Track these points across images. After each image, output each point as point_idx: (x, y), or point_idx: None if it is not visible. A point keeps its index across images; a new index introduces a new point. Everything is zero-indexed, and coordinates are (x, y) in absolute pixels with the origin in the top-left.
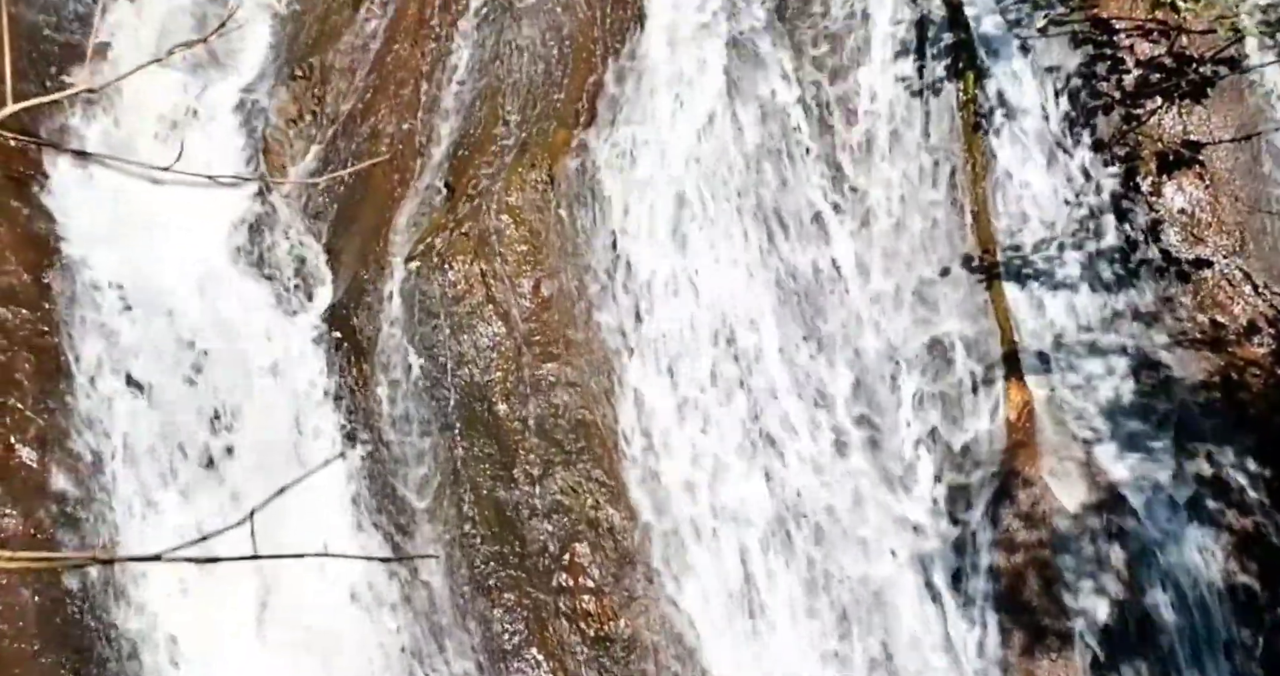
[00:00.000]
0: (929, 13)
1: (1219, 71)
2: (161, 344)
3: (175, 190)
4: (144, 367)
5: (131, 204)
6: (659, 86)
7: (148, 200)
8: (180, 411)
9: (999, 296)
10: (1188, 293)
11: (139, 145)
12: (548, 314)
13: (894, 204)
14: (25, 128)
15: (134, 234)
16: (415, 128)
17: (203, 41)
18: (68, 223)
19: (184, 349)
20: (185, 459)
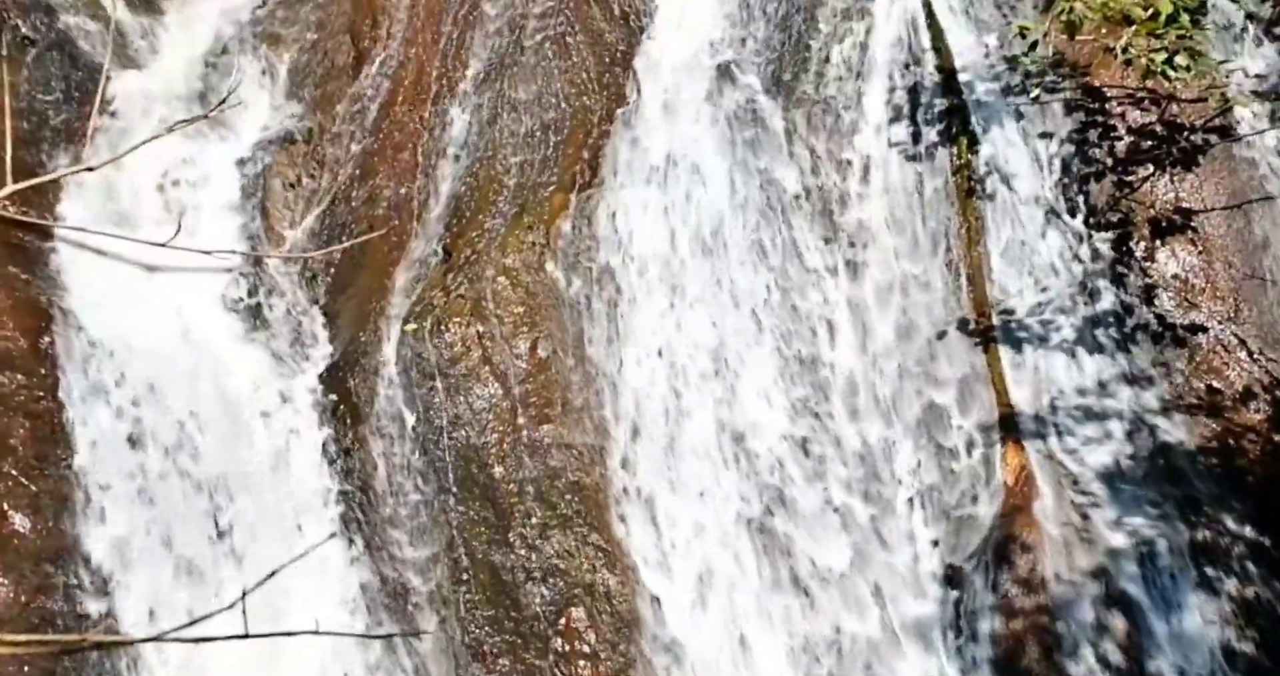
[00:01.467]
0: (922, 79)
1: (1210, 140)
2: (158, 409)
3: (172, 255)
4: (140, 433)
5: (128, 268)
6: (655, 150)
7: (144, 265)
8: (177, 478)
9: (995, 360)
10: (1183, 358)
11: (137, 211)
12: (544, 375)
13: (890, 267)
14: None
15: (130, 298)
16: (413, 191)
17: (204, 117)
18: (65, 287)
19: (181, 413)
20: (184, 527)
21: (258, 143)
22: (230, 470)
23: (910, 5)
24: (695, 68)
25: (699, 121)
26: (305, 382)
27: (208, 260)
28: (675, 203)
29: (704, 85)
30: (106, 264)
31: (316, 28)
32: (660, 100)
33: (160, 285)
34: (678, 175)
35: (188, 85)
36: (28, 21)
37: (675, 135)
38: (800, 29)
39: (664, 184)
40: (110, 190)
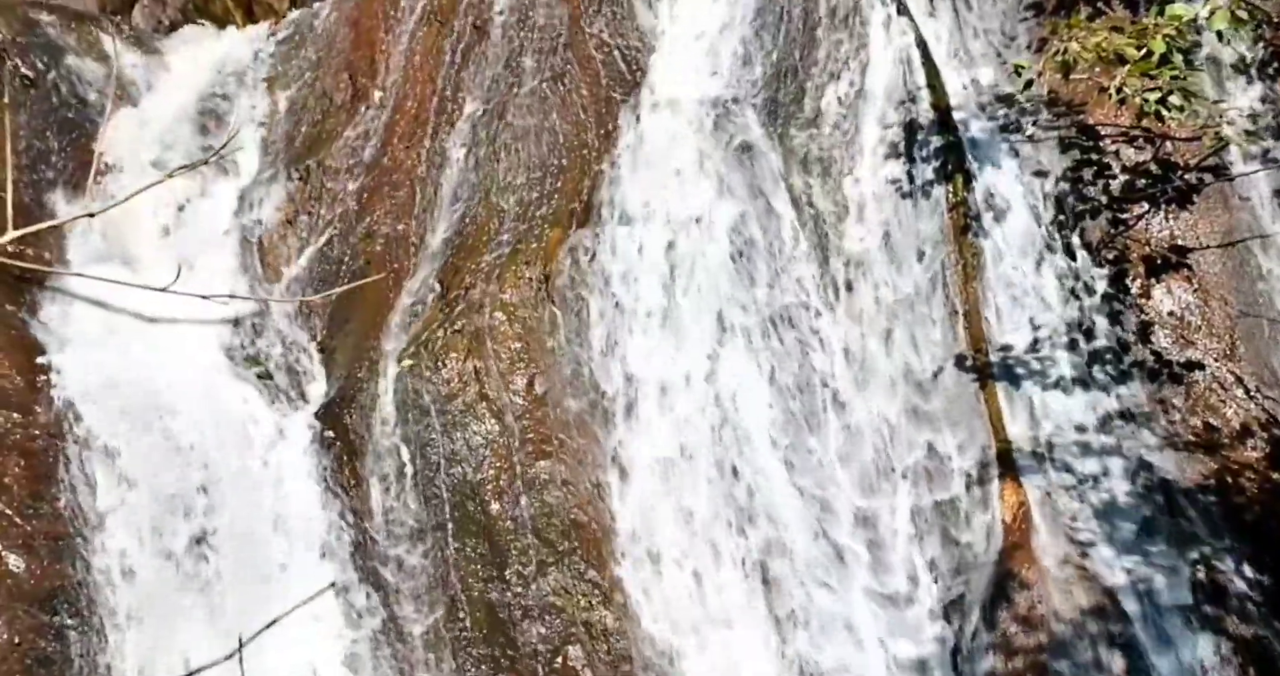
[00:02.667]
0: (918, 117)
1: (1204, 178)
2: (153, 446)
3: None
4: (135, 471)
5: (124, 305)
6: (652, 187)
7: (140, 301)
8: (170, 516)
9: (992, 396)
10: (1180, 395)
11: (135, 246)
12: (541, 411)
13: (886, 304)
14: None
15: (127, 334)
16: (410, 227)
17: (204, 163)
18: (61, 325)
19: (176, 451)
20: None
21: (256, 180)
22: (225, 507)
23: (905, 44)
24: (692, 105)
25: (696, 159)
26: (302, 419)
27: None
28: (672, 239)
29: (701, 123)
30: (102, 301)
31: (315, 66)
32: (657, 137)
33: (156, 321)
34: (674, 212)
35: (186, 124)
36: (28, 62)
37: (672, 172)
38: (796, 67)
39: (661, 220)
40: (108, 226)
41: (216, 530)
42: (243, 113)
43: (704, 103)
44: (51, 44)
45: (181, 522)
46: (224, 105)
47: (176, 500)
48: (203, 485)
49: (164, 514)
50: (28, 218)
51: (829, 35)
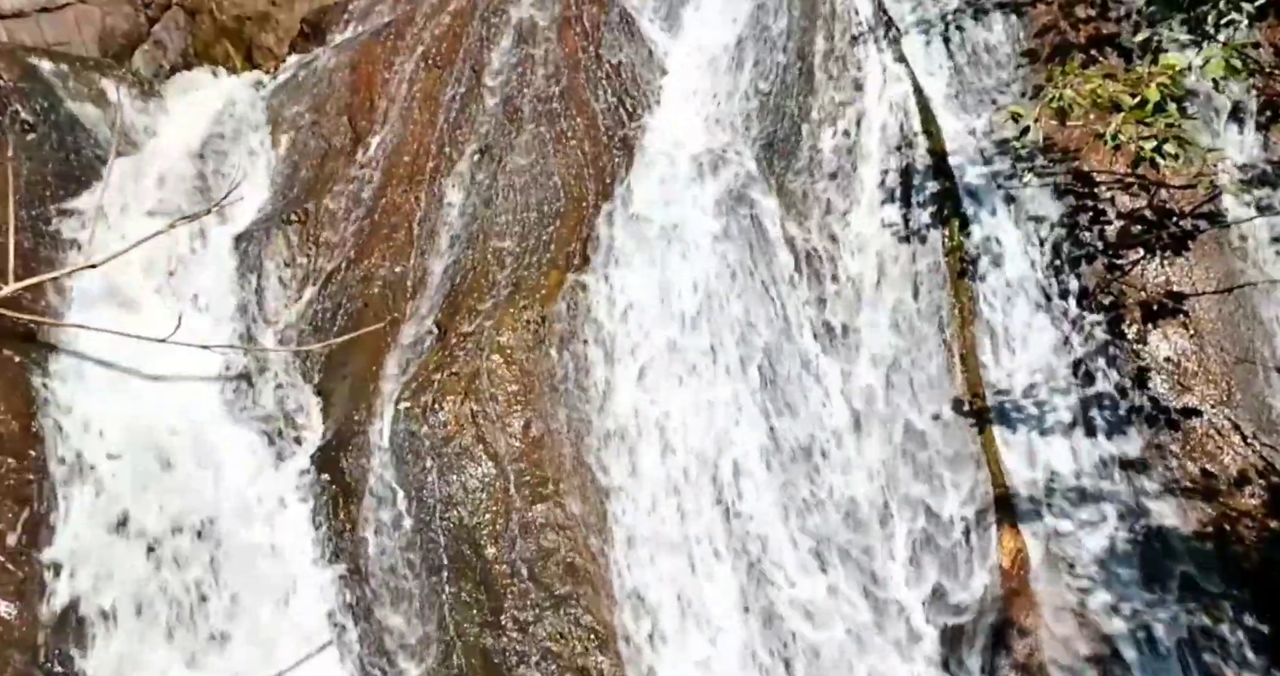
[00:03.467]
0: (914, 162)
1: (1199, 225)
2: (148, 490)
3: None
4: (131, 516)
5: (122, 349)
6: (650, 230)
7: (139, 346)
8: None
9: (990, 441)
10: (1177, 441)
11: (133, 290)
12: (538, 454)
13: (883, 348)
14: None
15: (124, 378)
16: (408, 270)
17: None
18: (59, 369)
19: (171, 495)
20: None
21: (255, 223)
22: (220, 552)
23: (901, 90)
24: (689, 149)
25: (693, 203)
26: (297, 462)
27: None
28: (670, 282)
29: (698, 167)
30: (99, 344)
31: (315, 110)
32: (655, 181)
33: (153, 364)
34: (672, 255)
35: (187, 168)
36: (28, 107)
37: (669, 216)
38: (793, 112)
39: (658, 263)
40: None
41: (212, 575)
42: (243, 158)
43: (701, 147)
44: (52, 89)
45: (175, 568)
46: (224, 149)
47: (171, 545)
48: (198, 530)
49: (159, 559)
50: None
51: (826, 81)
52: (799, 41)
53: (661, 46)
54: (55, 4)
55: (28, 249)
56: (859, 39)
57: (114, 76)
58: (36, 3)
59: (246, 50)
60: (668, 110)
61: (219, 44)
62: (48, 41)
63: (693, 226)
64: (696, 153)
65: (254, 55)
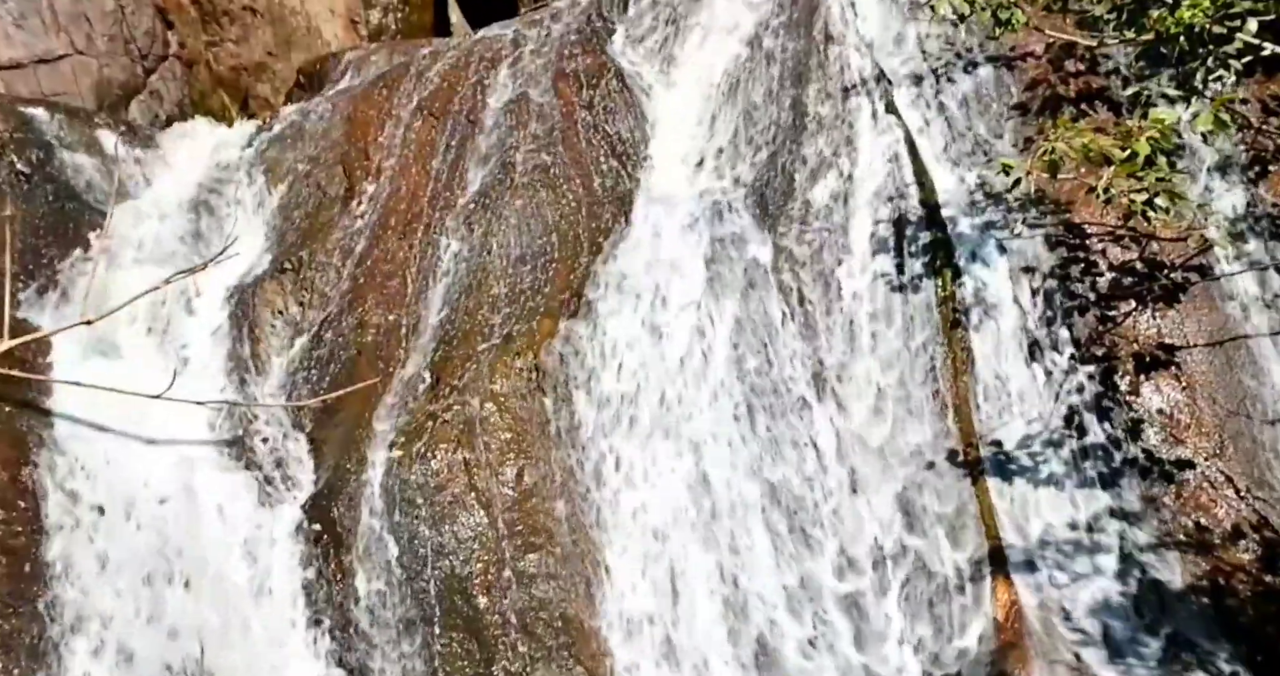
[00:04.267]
0: (906, 212)
1: (1190, 278)
2: (139, 540)
3: (159, 382)
4: (120, 565)
5: (113, 399)
6: (643, 280)
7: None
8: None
9: (983, 492)
10: (1170, 494)
11: (126, 342)
12: (530, 503)
13: (877, 398)
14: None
15: (114, 427)
16: (402, 318)
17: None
18: (49, 419)
19: (162, 544)
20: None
21: (248, 271)
22: (209, 600)
23: (893, 140)
24: (683, 198)
25: (686, 251)
26: (289, 511)
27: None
28: (662, 331)
29: (691, 216)
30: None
31: (310, 159)
32: (648, 230)
33: (143, 412)
34: (664, 304)
35: (182, 218)
36: (24, 157)
37: (662, 264)
38: (787, 162)
39: (651, 312)
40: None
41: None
42: (237, 207)
43: (695, 195)
44: (47, 140)
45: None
46: (219, 199)
47: (159, 599)
48: (186, 580)
49: (146, 611)
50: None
51: (818, 131)
52: (791, 92)
53: (655, 97)
54: (52, 55)
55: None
56: (851, 90)
57: (110, 127)
58: (34, 54)
59: (243, 100)
60: (660, 159)
61: (215, 94)
62: (44, 92)
63: (686, 274)
64: (689, 201)
65: (250, 105)
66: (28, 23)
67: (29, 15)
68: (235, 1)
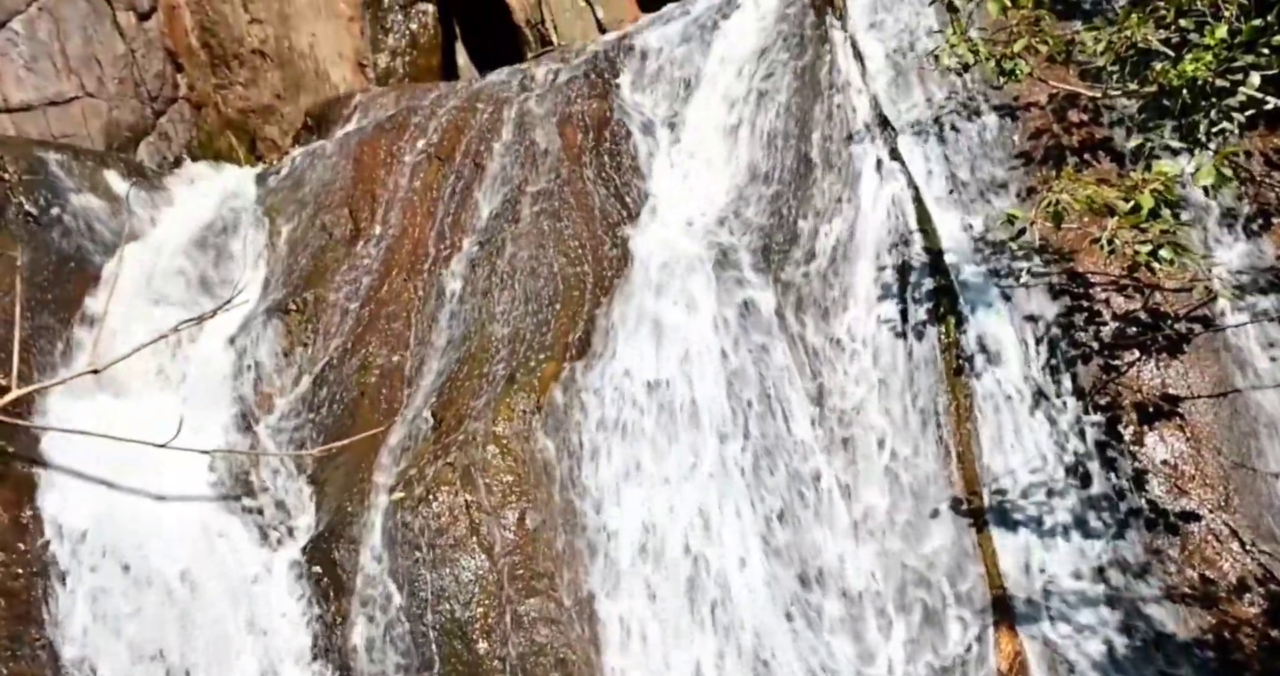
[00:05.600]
0: (910, 259)
1: (1194, 328)
2: (138, 582)
3: (160, 423)
4: (119, 609)
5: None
6: (646, 322)
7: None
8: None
9: (987, 541)
10: (1175, 546)
11: (130, 383)
12: (532, 546)
13: (879, 443)
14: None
15: (114, 467)
16: (405, 359)
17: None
18: (51, 461)
19: (161, 587)
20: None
21: (253, 312)
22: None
23: (897, 188)
24: (687, 243)
25: (690, 296)
26: (289, 553)
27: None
28: (665, 375)
29: (695, 260)
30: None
31: (316, 201)
32: (652, 274)
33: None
34: (668, 347)
35: (189, 259)
36: (33, 199)
37: (665, 308)
38: (791, 207)
39: (655, 355)
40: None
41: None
42: (244, 248)
43: (699, 240)
44: (57, 181)
45: (162, 661)
46: (226, 240)
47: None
48: (185, 622)
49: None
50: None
51: (823, 177)
52: (796, 138)
53: (660, 142)
54: (63, 98)
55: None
56: (855, 137)
57: (118, 169)
58: (44, 97)
59: (250, 142)
60: (666, 204)
61: (223, 136)
62: (54, 135)
63: (689, 319)
64: (693, 246)
65: (258, 147)
66: (39, 66)
67: (40, 58)
68: (245, 45)
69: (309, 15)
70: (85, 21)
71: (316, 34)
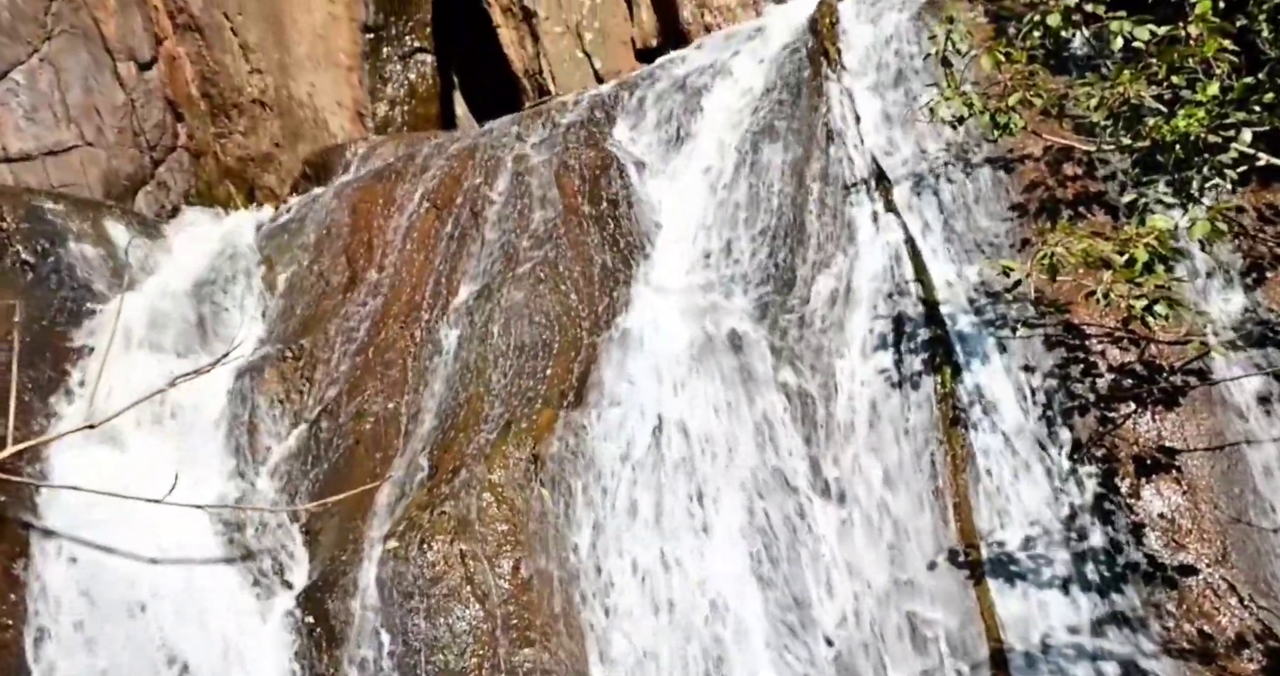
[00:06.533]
0: (906, 309)
1: (1189, 381)
2: (129, 635)
3: (155, 473)
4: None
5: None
6: (642, 371)
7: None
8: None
9: (984, 593)
10: (1174, 600)
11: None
12: (526, 596)
13: (876, 494)
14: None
15: (108, 519)
16: (401, 406)
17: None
18: (44, 509)
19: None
20: None
21: (248, 359)
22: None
23: (893, 238)
24: (683, 292)
25: (685, 344)
26: (282, 602)
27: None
28: (661, 424)
29: (692, 309)
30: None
31: (313, 248)
32: (648, 322)
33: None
34: (664, 397)
35: (185, 306)
36: (30, 248)
37: (662, 357)
38: (787, 257)
39: (651, 404)
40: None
41: None
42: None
43: (695, 290)
44: (54, 230)
45: None
46: (223, 288)
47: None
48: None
49: None
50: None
51: (818, 227)
52: (793, 188)
53: (656, 191)
54: (62, 147)
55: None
56: (851, 188)
57: (116, 217)
58: (43, 146)
59: (249, 190)
60: (662, 252)
61: (222, 185)
62: (53, 184)
63: (685, 367)
64: (689, 294)
65: (256, 195)
66: (39, 116)
67: (40, 108)
68: (245, 94)
69: (308, 65)
70: (86, 72)
71: (315, 83)
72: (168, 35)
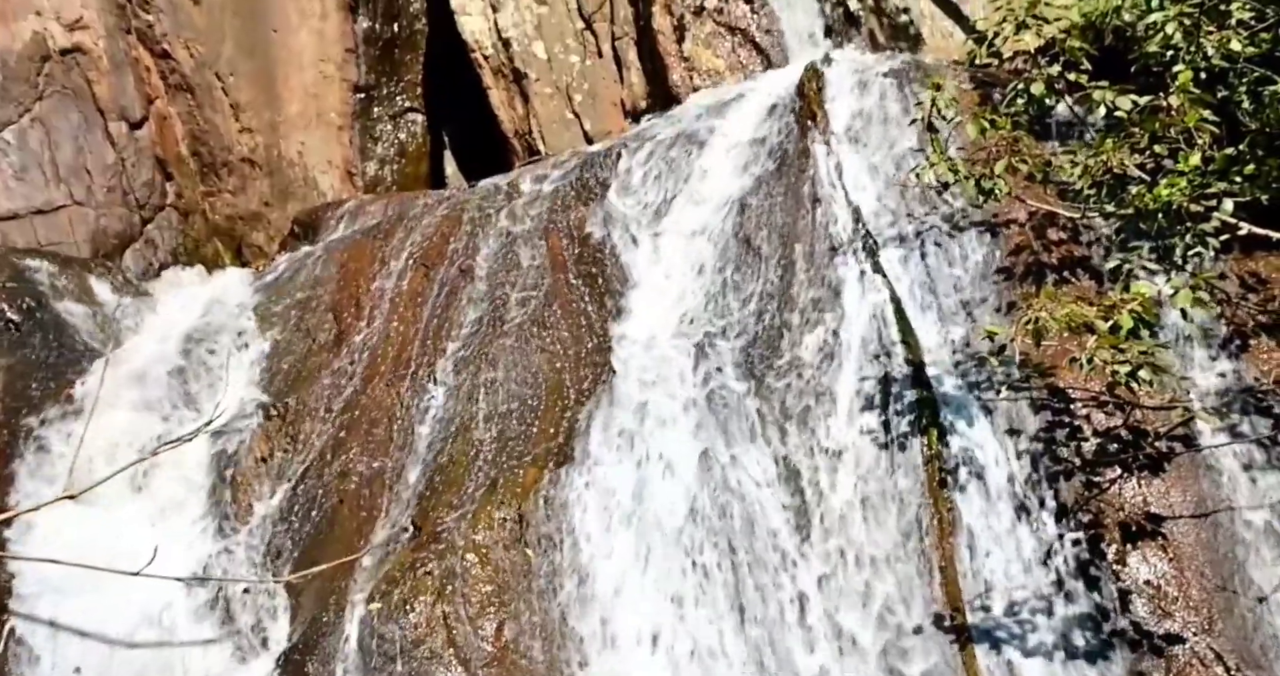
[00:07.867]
0: (892, 370)
1: (1174, 447)
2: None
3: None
4: None
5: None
6: (629, 429)
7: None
8: None
9: (971, 659)
10: (1160, 669)
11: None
12: (509, 659)
13: (861, 557)
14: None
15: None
16: (385, 466)
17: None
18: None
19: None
20: None
21: (233, 418)
22: None
23: (879, 299)
24: (670, 350)
25: (672, 402)
26: (263, 666)
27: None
28: (647, 483)
29: (678, 367)
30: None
31: (300, 306)
32: (634, 379)
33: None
34: (649, 454)
35: (171, 364)
36: (14, 306)
37: (648, 414)
38: (774, 317)
39: (637, 463)
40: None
41: None
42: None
43: (682, 347)
44: (39, 288)
45: None
46: (209, 346)
47: None
48: None
49: None
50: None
51: (805, 287)
52: (780, 249)
53: (644, 250)
54: (50, 206)
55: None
56: (838, 250)
57: (103, 276)
58: (31, 205)
59: (237, 248)
60: (650, 311)
61: (210, 243)
62: (40, 242)
63: (671, 425)
64: (676, 353)
65: (244, 253)
66: (28, 175)
67: (30, 168)
68: (235, 153)
69: (299, 124)
70: (77, 131)
71: (306, 142)
72: (159, 95)
